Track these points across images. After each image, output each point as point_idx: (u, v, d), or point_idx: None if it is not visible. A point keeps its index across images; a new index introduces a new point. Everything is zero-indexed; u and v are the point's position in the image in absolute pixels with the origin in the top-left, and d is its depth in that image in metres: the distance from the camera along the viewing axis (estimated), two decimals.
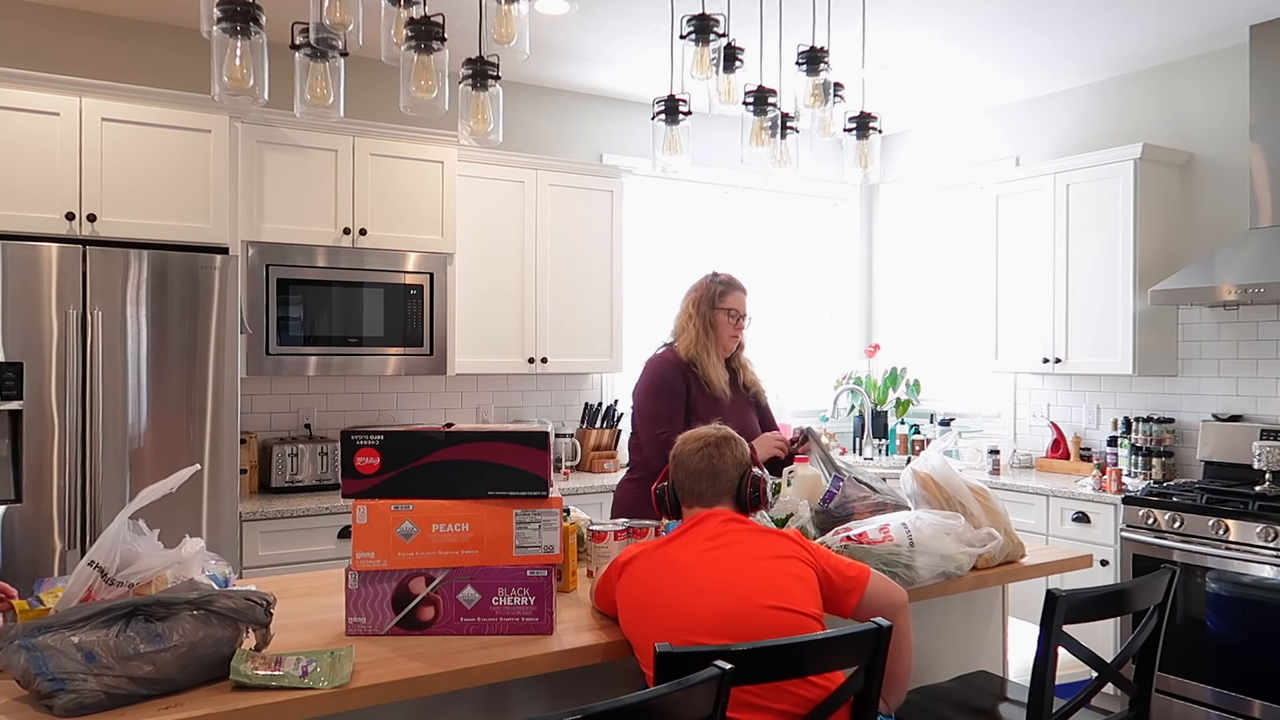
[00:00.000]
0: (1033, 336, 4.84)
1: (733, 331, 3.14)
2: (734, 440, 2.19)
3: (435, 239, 4.23)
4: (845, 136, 3.02)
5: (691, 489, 2.14)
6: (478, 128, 2.44)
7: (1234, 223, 4.38)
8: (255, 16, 2.10)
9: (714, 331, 3.11)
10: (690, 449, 2.17)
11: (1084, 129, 5.00)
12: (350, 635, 1.99)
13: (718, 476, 2.12)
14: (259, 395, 4.26)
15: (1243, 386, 4.35)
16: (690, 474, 2.14)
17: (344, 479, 2.03)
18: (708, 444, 2.15)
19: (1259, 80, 4.11)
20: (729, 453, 2.14)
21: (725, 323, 3.12)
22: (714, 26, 2.62)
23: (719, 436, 2.17)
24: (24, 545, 3.19)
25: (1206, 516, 3.78)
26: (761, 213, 5.81)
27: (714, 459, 2.13)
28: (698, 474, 2.13)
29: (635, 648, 1.95)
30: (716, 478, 2.12)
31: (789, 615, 1.88)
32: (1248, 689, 3.63)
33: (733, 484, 2.13)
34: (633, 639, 1.95)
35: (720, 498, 2.12)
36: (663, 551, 2.00)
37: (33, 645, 1.57)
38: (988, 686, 2.47)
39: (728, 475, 2.12)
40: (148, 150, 3.49)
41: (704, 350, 3.09)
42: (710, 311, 3.11)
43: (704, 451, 2.14)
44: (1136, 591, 2.14)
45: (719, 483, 2.12)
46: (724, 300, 3.12)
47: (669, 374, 3.08)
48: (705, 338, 3.10)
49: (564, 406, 5.03)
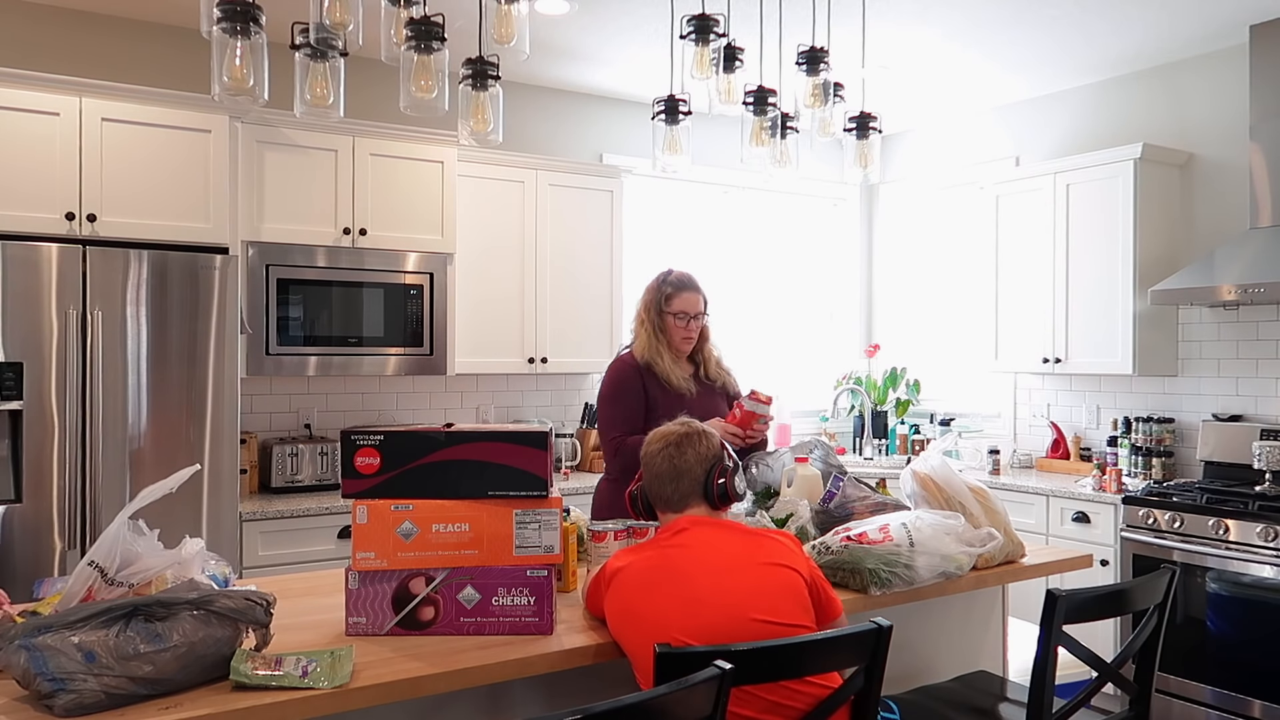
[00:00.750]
0: (1033, 336, 4.84)
1: (684, 334, 3.06)
2: (697, 435, 2.11)
3: (435, 239, 4.23)
4: (845, 136, 3.01)
5: (658, 493, 2.09)
6: (478, 128, 2.44)
7: (1234, 223, 4.38)
8: (255, 16, 2.10)
9: (664, 335, 3.06)
10: (654, 450, 2.11)
11: (1084, 129, 5.00)
12: (350, 635, 1.99)
13: (681, 477, 2.06)
14: (259, 395, 4.26)
15: (1243, 386, 4.35)
16: (655, 477, 2.09)
17: (344, 479, 2.03)
18: (669, 444, 2.09)
19: (1259, 80, 4.11)
20: (690, 450, 2.07)
21: (675, 326, 3.06)
22: (714, 26, 2.62)
23: (680, 434, 2.10)
24: (24, 545, 3.20)
25: (1206, 516, 3.77)
26: (761, 213, 5.81)
27: (675, 459, 2.06)
28: (661, 476, 2.08)
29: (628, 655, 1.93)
30: (680, 478, 2.06)
31: (778, 629, 1.85)
32: (1248, 689, 3.63)
33: (699, 482, 2.06)
34: (625, 647, 1.94)
35: (687, 499, 2.06)
36: (647, 561, 1.95)
37: (33, 645, 1.57)
38: (988, 686, 2.47)
39: (692, 474, 2.06)
40: (148, 150, 3.49)
41: (656, 354, 3.04)
42: (659, 317, 3.06)
43: (665, 452, 2.08)
44: (1136, 591, 2.14)
45: (683, 483, 2.06)
46: (671, 304, 3.05)
47: (625, 377, 3.04)
48: (657, 341, 3.05)
49: (564, 406, 5.03)
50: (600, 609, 2.03)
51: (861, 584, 2.31)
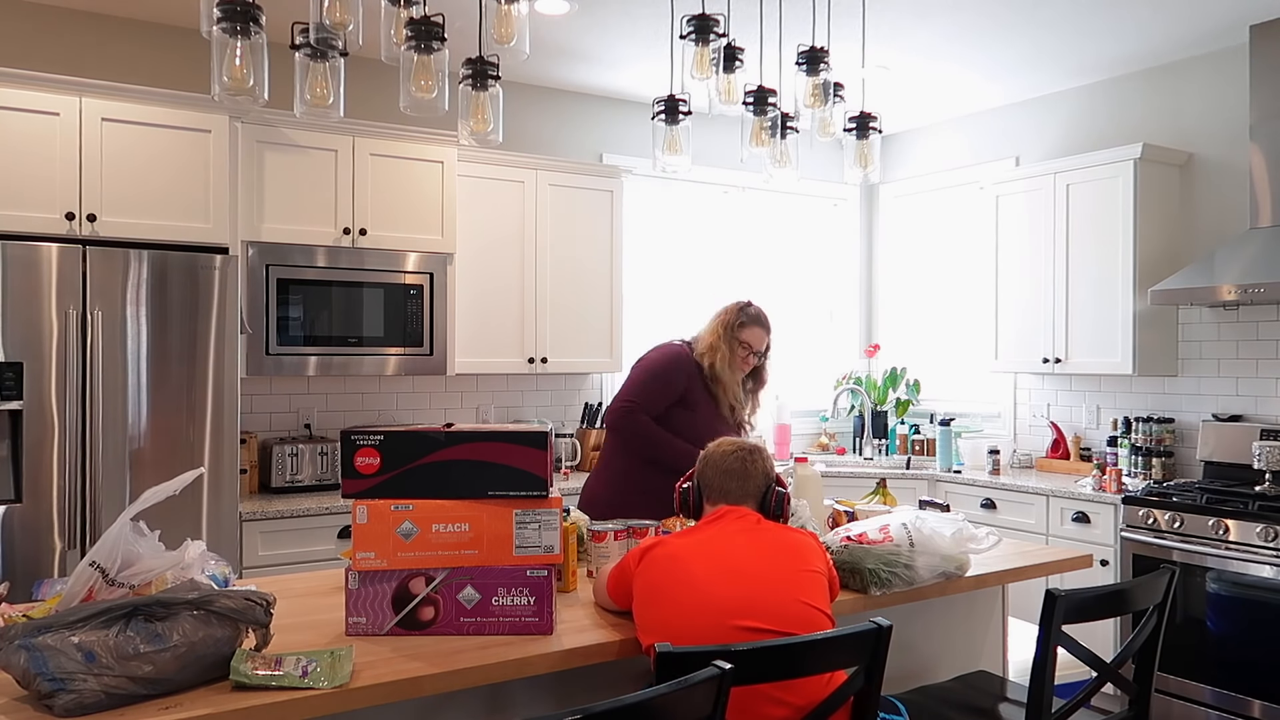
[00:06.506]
0: (1032, 336, 4.84)
1: (743, 364, 3.22)
2: (765, 453, 2.26)
3: (435, 239, 4.23)
4: (845, 136, 3.01)
5: (720, 486, 2.19)
6: (478, 128, 2.44)
7: (1234, 223, 4.38)
8: (255, 16, 2.10)
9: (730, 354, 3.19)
10: (724, 449, 2.24)
11: (1084, 129, 5.00)
12: (350, 635, 1.99)
13: (748, 478, 2.18)
14: (259, 395, 4.26)
15: (1243, 386, 4.35)
16: (721, 472, 2.20)
17: (344, 479, 2.03)
18: (742, 449, 2.24)
19: (1259, 80, 4.11)
20: (760, 461, 2.22)
21: (739, 354, 3.21)
22: (714, 26, 2.62)
23: (752, 445, 2.27)
24: (24, 545, 3.19)
25: (1206, 516, 3.77)
26: (761, 213, 5.81)
27: (747, 462, 2.20)
28: (729, 472, 2.19)
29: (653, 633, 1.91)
30: (747, 479, 2.18)
31: (819, 615, 1.93)
32: (1248, 689, 3.63)
33: (759, 490, 2.20)
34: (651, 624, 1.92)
35: (747, 499, 2.18)
36: (688, 539, 2.03)
37: (33, 645, 1.57)
38: (988, 686, 2.47)
39: (756, 480, 2.19)
40: (148, 150, 3.49)
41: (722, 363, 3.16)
42: (730, 337, 3.19)
43: (738, 454, 2.21)
44: (1136, 591, 2.14)
45: (748, 484, 2.18)
46: (741, 332, 3.19)
47: (680, 365, 3.15)
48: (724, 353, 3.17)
49: (564, 406, 5.03)
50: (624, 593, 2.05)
51: (862, 584, 2.32)
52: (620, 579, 2.08)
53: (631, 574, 2.03)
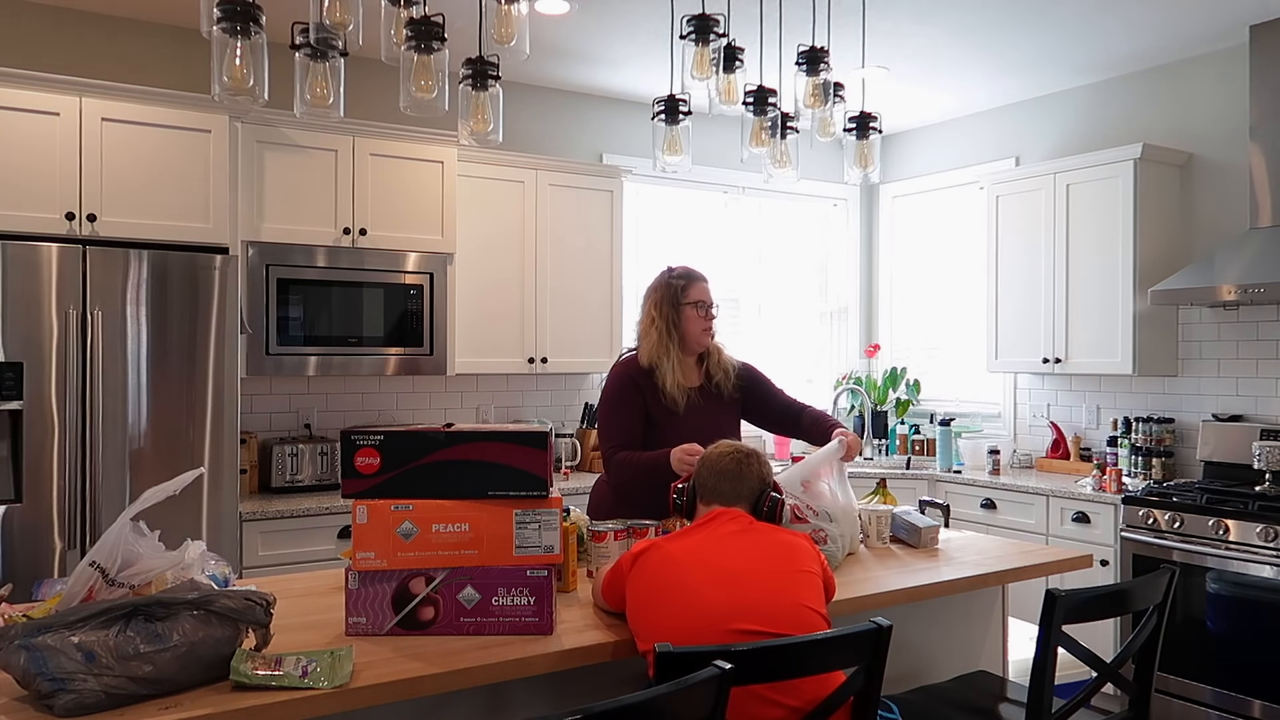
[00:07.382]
0: (1032, 336, 4.84)
1: (704, 325, 2.93)
2: (762, 458, 2.25)
3: (435, 239, 4.23)
4: (845, 136, 3.01)
5: (714, 487, 2.19)
6: (478, 128, 2.44)
7: (1234, 223, 4.38)
8: (255, 16, 2.10)
9: (679, 330, 2.92)
10: (721, 451, 2.24)
11: (1084, 129, 5.00)
12: (350, 635, 1.99)
13: (742, 480, 2.18)
14: (259, 395, 4.26)
15: (1243, 386, 4.35)
16: (716, 473, 2.20)
17: (344, 479, 2.03)
18: (738, 451, 2.24)
19: (1259, 80, 4.11)
20: (756, 465, 2.21)
21: (694, 317, 2.92)
22: (714, 26, 2.62)
23: (750, 449, 2.26)
24: (24, 545, 3.19)
25: (1206, 516, 3.77)
26: (762, 213, 5.81)
27: (742, 464, 2.20)
28: (723, 473, 2.19)
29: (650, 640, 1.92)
30: (741, 481, 2.18)
31: (815, 616, 1.92)
32: (1248, 689, 3.63)
33: (754, 492, 2.19)
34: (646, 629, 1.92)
35: (740, 500, 2.17)
36: (680, 543, 2.01)
37: (33, 645, 1.57)
38: (987, 686, 2.47)
39: (750, 483, 2.18)
40: (148, 150, 3.49)
41: (665, 354, 2.90)
42: (675, 311, 2.91)
43: (734, 456, 2.21)
44: (1136, 591, 2.14)
45: (742, 486, 2.18)
46: (688, 294, 2.92)
47: (623, 387, 2.92)
48: (669, 339, 2.91)
49: (564, 406, 5.03)
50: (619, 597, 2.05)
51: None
52: (613, 582, 2.08)
53: (624, 578, 2.02)
